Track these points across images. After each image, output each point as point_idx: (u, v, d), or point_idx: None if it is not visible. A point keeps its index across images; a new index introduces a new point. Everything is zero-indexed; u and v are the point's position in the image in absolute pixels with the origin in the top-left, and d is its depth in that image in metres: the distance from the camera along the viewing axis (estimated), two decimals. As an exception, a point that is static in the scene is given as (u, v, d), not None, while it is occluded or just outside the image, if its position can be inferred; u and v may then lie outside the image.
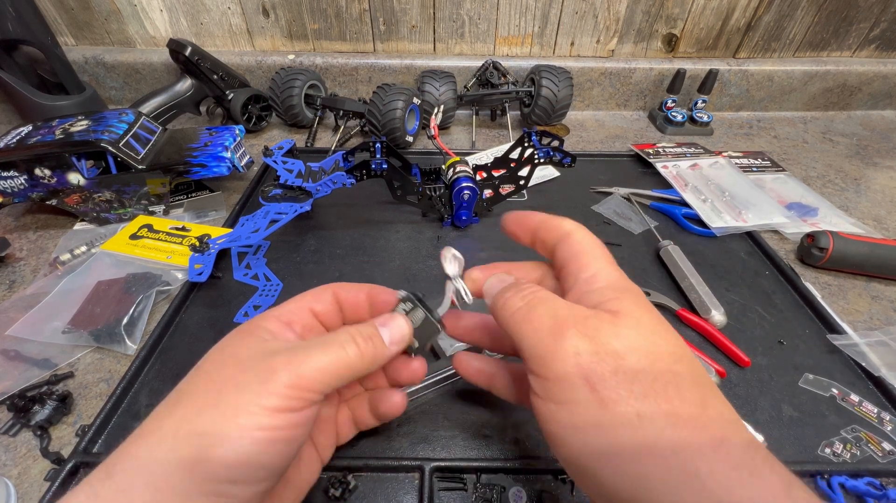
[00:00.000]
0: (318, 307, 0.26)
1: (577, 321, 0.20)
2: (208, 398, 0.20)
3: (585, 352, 0.19)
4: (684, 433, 0.17)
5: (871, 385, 0.41)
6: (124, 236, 0.52)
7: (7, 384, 0.38)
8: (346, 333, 0.23)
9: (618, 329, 0.19)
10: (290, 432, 0.20)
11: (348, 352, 0.22)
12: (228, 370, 0.21)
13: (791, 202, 0.64)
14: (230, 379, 0.20)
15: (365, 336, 0.24)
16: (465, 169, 0.54)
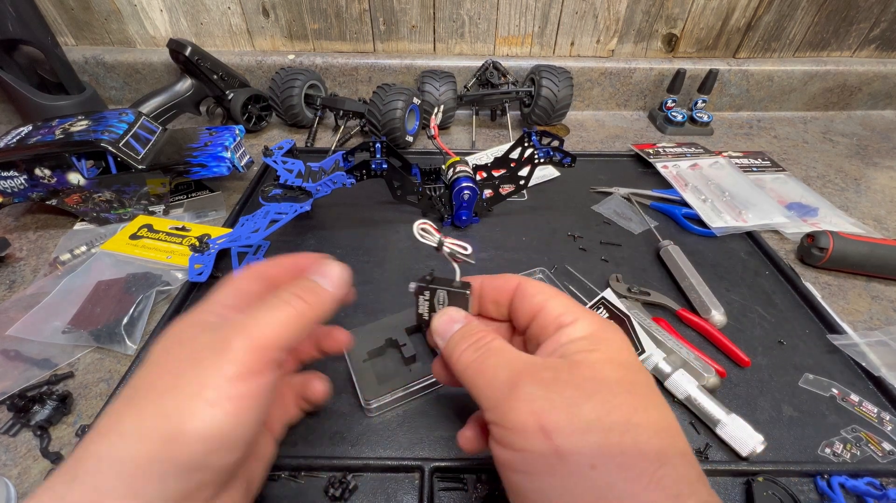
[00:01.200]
0: (247, 286, 0.25)
1: (533, 371, 0.20)
2: (166, 383, 0.19)
3: (540, 401, 0.19)
4: (637, 488, 0.17)
5: (871, 385, 0.41)
6: (124, 236, 0.52)
7: (7, 384, 0.38)
8: (285, 292, 0.23)
9: (574, 379, 0.19)
10: (258, 397, 0.20)
11: (295, 307, 0.22)
12: (180, 353, 0.21)
13: (791, 202, 0.64)
14: (185, 359, 0.20)
15: (305, 288, 0.23)
16: (465, 169, 0.54)
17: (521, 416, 0.19)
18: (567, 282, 0.48)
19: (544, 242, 0.55)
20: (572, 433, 0.18)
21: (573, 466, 0.17)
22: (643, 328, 0.42)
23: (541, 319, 0.23)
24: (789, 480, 0.34)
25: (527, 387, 0.19)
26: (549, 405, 0.18)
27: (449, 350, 0.24)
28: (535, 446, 0.18)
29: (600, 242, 0.55)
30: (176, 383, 0.19)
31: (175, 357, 0.21)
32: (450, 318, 0.25)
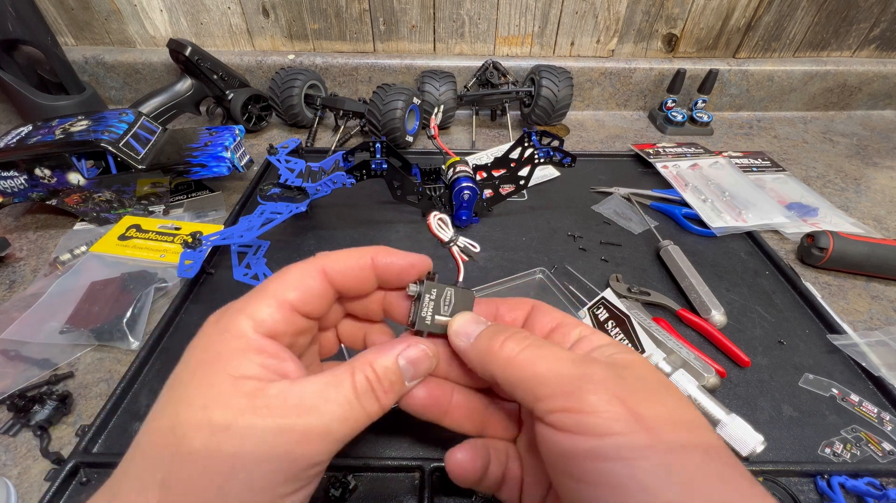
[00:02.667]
0: (302, 300, 0.21)
1: (595, 359, 0.20)
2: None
3: (619, 386, 0.18)
4: (725, 470, 0.17)
5: (871, 385, 0.41)
6: (112, 238, 0.52)
7: (7, 384, 0.38)
8: (359, 372, 0.20)
9: (633, 373, 0.19)
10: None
11: (357, 415, 0.20)
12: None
13: (791, 202, 0.64)
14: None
15: (386, 378, 0.21)
16: (465, 169, 0.54)
17: (605, 399, 0.17)
18: (567, 282, 0.48)
19: (544, 242, 0.55)
20: (658, 417, 0.17)
21: (667, 447, 0.16)
22: (643, 328, 0.42)
23: (556, 337, 0.23)
24: (789, 480, 0.34)
25: (600, 372, 0.18)
26: (630, 390, 0.18)
27: (481, 346, 0.22)
28: (625, 428, 0.17)
29: (600, 242, 0.55)
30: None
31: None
32: (473, 318, 0.23)
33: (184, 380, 0.19)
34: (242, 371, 0.19)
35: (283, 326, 0.21)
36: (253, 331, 0.20)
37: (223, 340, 0.19)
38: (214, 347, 0.19)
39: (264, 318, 0.20)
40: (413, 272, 0.24)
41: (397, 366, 0.21)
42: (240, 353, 0.19)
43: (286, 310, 0.21)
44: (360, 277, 0.23)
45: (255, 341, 0.19)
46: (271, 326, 0.20)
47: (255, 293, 0.21)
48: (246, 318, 0.20)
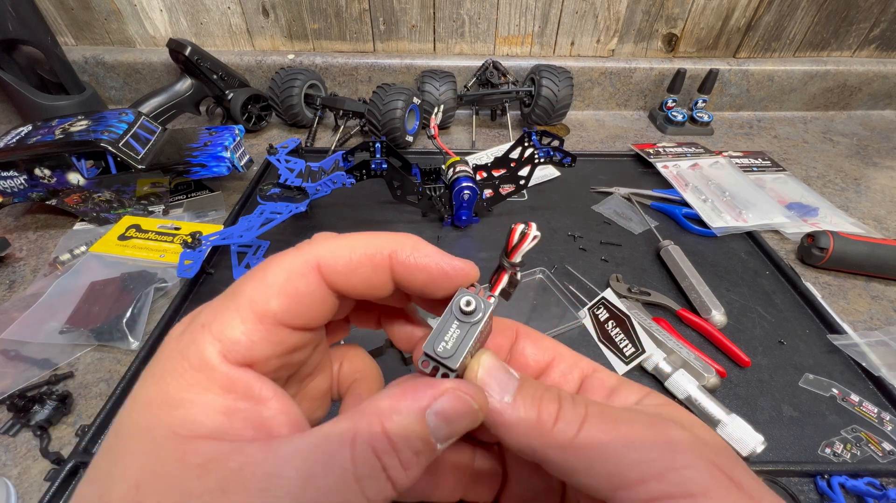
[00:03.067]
0: (291, 310, 0.15)
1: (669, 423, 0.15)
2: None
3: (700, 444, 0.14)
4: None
5: (871, 385, 0.41)
6: (112, 238, 0.52)
7: (6, 384, 0.38)
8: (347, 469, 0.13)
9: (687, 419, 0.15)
10: None
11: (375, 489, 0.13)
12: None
13: (791, 202, 0.64)
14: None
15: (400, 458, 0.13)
16: (465, 169, 0.54)
17: (706, 473, 0.13)
18: (567, 282, 0.48)
19: (544, 242, 0.55)
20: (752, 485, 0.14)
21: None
22: (643, 328, 0.42)
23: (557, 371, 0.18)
24: (789, 480, 0.34)
25: (679, 434, 0.14)
26: (713, 450, 0.14)
27: (526, 418, 0.15)
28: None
29: (600, 242, 0.55)
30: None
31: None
32: (499, 366, 0.16)
33: (123, 432, 0.13)
34: (195, 426, 0.13)
35: (264, 348, 0.14)
36: (220, 360, 0.14)
37: (178, 371, 0.13)
38: (166, 382, 0.13)
39: (238, 339, 0.14)
40: (445, 282, 0.17)
41: (425, 425, 0.14)
42: (196, 394, 0.13)
43: (268, 325, 0.14)
44: (371, 281, 0.16)
45: (222, 374, 0.14)
46: (247, 350, 0.14)
47: (227, 300, 0.15)
48: (211, 340, 0.14)
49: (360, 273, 0.16)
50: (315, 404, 0.19)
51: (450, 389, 0.14)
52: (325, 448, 0.13)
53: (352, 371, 0.20)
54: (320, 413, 0.20)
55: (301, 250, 0.16)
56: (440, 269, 0.17)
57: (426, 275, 0.17)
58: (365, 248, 0.17)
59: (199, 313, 0.15)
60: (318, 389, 0.19)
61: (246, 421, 0.13)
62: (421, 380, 0.15)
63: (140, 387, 0.14)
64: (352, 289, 0.16)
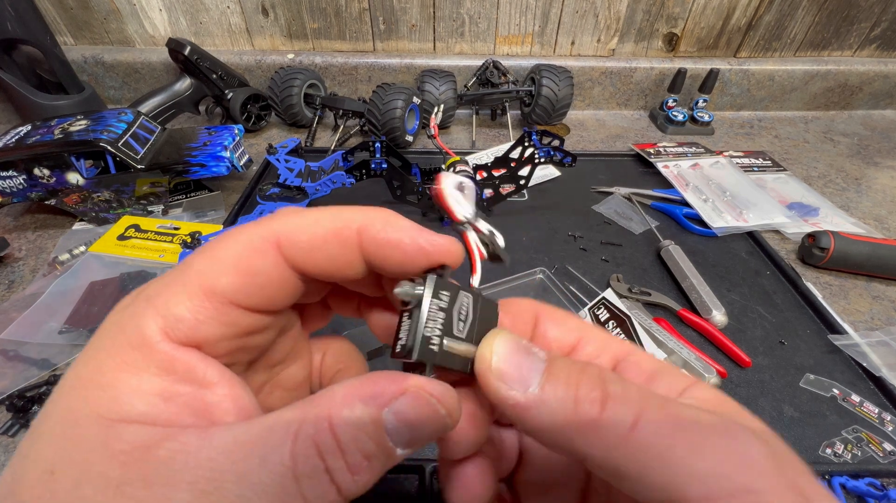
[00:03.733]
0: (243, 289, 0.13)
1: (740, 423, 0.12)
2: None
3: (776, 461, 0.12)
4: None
5: (872, 385, 0.41)
6: (112, 238, 0.52)
7: (6, 384, 0.38)
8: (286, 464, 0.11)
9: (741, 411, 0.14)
10: None
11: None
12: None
13: (792, 202, 0.64)
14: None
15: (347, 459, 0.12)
16: (465, 168, 0.54)
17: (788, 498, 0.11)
18: (567, 283, 0.48)
19: (544, 242, 0.55)
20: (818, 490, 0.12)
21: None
22: (644, 328, 0.42)
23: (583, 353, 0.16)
24: (790, 481, 0.34)
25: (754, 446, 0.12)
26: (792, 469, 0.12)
27: (561, 409, 0.12)
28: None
29: (601, 242, 0.55)
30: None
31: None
32: (521, 346, 0.14)
33: (47, 413, 0.12)
34: (123, 409, 0.11)
35: (212, 328, 0.13)
36: (161, 337, 0.12)
37: (114, 347, 0.12)
38: (100, 359, 0.12)
39: (182, 316, 0.12)
40: (422, 260, 0.14)
41: (381, 426, 0.12)
42: (130, 374, 0.12)
43: (217, 304, 0.13)
44: (338, 259, 0.14)
45: (162, 353, 0.12)
46: (192, 329, 0.12)
47: (176, 273, 0.13)
48: (153, 314, 0.12)
49: (326, 250, 0.14)
50: (290, 394, 0.17)
51: (412, 388, 0.12)
52: (266, 440, 0.11)
53: (335, 363, 0.18)
54: None
55: (260, 224, 0.14)
56: (417, 246, 0.14)
57: (401, 253, 0.14)
58: (331, 221, 0.14)
59: (147, 286, 0.14)
60: (292, 379, 0.17)
61: (185, 406, 0.12)
62: (385, 374, 0.13)
63: (73, 365, 0.13)
64: (316, 268, 0.14)
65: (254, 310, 0.14)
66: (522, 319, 0.16)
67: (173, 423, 0.12)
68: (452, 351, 0.14)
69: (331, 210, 0.14)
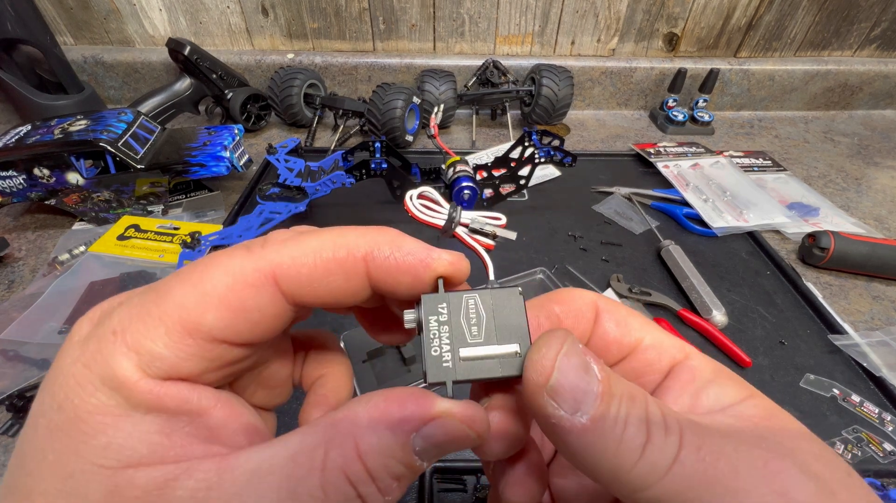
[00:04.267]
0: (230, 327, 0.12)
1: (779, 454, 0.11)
2: None
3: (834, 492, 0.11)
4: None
5: (872, 385, 0.41)
6: (111, 238, 0.52)
7: (5, 384, 0.38)
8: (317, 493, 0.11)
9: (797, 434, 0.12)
10: None
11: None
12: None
13: (792, 202, 0.64)
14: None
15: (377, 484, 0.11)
16: (465, 168, 0.54)
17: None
18: (567, 283, 0.48)
19: (544, 242, 0.55)
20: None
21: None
22: (644, 328, 0.42)
23: (643, 355, 0.15)
24: (790, 481, 0.34)
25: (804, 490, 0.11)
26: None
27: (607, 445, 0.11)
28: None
29: (601, 242, 0.55)
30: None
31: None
32: (582, 364, 0.12)
33: (28, 463, 0.11)
34: (124, 454, 0.10)
35: (195, 364, 0.12)
36: (139, 375, 0.11)
37: (88, 390, 0.11)
38: (74, 404, 0.11)
39: (159, 355, 0.11)
40: (434, 280, 0.14)
41: (410, 450, 0.12)
42: (121, 416, 0.11)
43: (201, 341, 0.12)
44: (342, 288, 0.13)
45: (145, 391, 0.11)
46: (171, 367, 0.11)
47: (148, 302, 0.12)
48: (125, 352, 0.11)
49: (329, 281, 0.13)
50: (274, 392, 0.17)
51: (441, 415, 0.12)
52: (293, 471, 0.11)
53: (318, 366, 0.17)
54: (279, 400, 0.17)
55: (252, 252, 0.13)
56: (427, 267, 0.14)
57: (411, 278, 0.13)
58: (333, 250, 0.13)
59: (111, 314, 0.12)
60: (275, 377, 0.16)
61: (190, 436, 0.11)
62: (410, 393, 0.12)
63: (40, 411, 0.11)
64: (317, 300, 0.13)
65: (243, 344, 0.13)
66: (584, 316, 0.15)
67: (184, 457, 0.11)
68: (473, 358, 0.13)
69: (331, 235, 0.13)
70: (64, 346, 0.12)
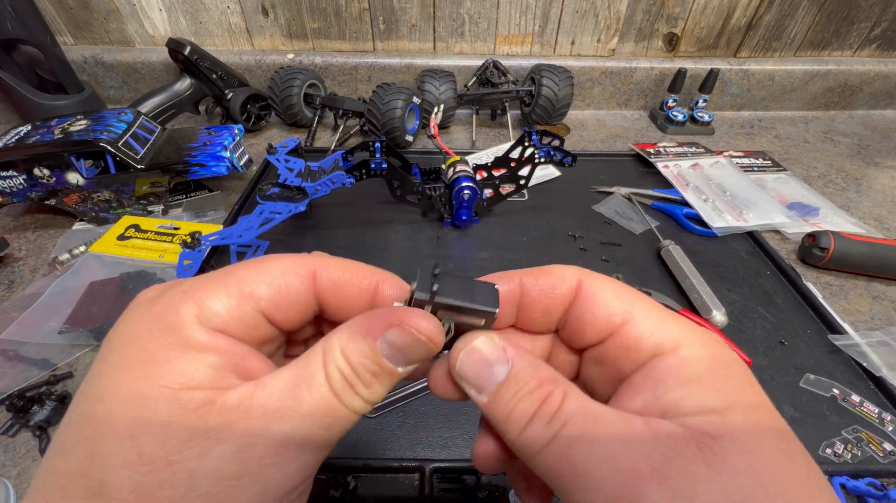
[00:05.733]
0: (275, 302, 0.16)
1: (655, 469, 0.12)
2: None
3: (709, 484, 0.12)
4: None
5: (872, 385, 0.41)
6: (112, 238, 0.52)
7: (6, 384, 0.38)
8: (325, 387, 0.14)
9: (718, 475, 0.12)
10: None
11: (340, 415, 0.15)
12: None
13: (792, 202, 0.64)
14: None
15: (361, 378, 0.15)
16: (465, 168, 0.54)
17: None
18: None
19: (544, 242, 0.55)
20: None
21: None
22: (644, 328, 0.42)
23: (623, 339, 0.16)
24: (790, 481, 0.34)
25: (654, 495, 0.12)
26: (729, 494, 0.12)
27: (499, 418, 0.15)
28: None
29: (601, 242, 0.55)
30: None
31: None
32: (483, 360, 0.16)
33: (102, 393, 0.13)
34: (185, 378, 0.13)
35: (240, 329, 0.15)
36: (198, 324, 0.14)
37: (156, 333, 0.14)
38: (143, 342, 0.14)
39: (217, 311, 0.14)
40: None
41: (378, 353, 0.15)
42: (180, 352, 0.14)
43: (250, 308, 0.15)
44: (356, 300, 0.17)
45: (202, 336, 0.14)
46: (224, 324, 0.15)
47: (216, 275, 0.15)
48: (191, 305, 0.14)
49: (350, 291, 0.17)
50: None
51: (399, 322, 0.15)
52: (305, 371, 0.15)
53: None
54: None
55: (301, 256, 0.17)
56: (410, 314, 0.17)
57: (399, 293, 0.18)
58: (358, 271, 0.18)
59: (180, 282, 0.15)
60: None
61: (233, 372, 0.14)
62: (379, 311, 0.16)
63: (110, 351, 0.14)
64: (337, 304, 0.17)
65: (275, 323, 0.16)
66: (555, 292, 0.17)
67: (228, 386, 0.14)
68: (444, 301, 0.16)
69: (359, 263, 0.18)
70: (132, 305, 0.15)
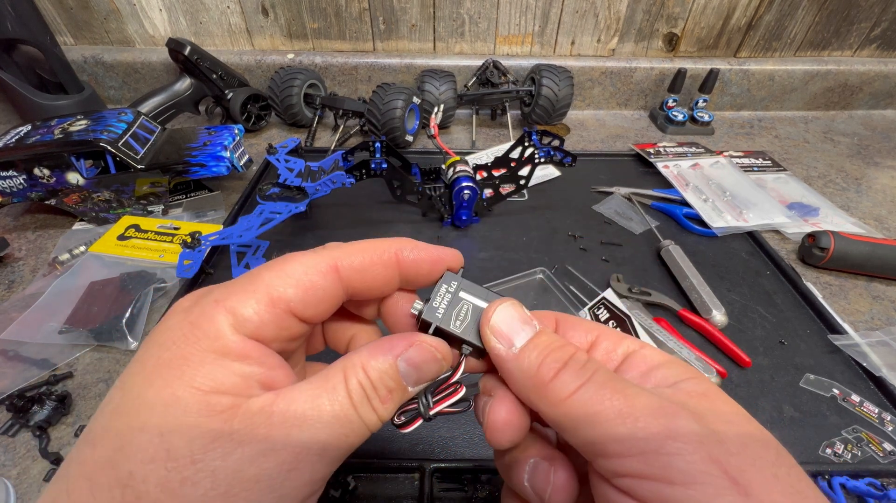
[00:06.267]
0: (303, 301, 0.17)
1: (680, 406, 0.15)
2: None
3: (713, 444, 0.14)
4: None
5: (872, 385, 0.41)
6: (112, 238, 0.52)
7: (5, 384, 0.38)
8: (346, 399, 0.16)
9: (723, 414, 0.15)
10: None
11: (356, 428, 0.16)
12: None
13: (792, 202, 0.64)
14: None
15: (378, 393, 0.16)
16: (465, 168, 0.54)
17: (698, 465, 0.13)
18: (567, 283, 0.48)
19: (544, 242, 0.55)
20: (765, 481, 0.13)
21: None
22: (644, 328, 0.42)
23: (601, 349, 0.19)
24: (790, 481, 0.34)
25: (687, 424, 0.14)
26: (727, 450, 0.14)
27: (527, 368, 0.17)
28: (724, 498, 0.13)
29: (601, 242, 0.55)
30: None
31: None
32: (520, 314, 0.18)
33: (136, 391, 0.14)
34: (216, 383, 0.14)
35: (271, 331, 0.16)
36: (232, 331, 0.15)
37: (192, 338, 0.15)
38: (179, 347, 0.15)
39: (249, 317, 0.15)
40: (442, 267, 0.20)
41: (396, 369, 0.17)
42: (213, 358, 0.15)
43: (280, 311, 0.16)
44: (382, 277, 0.19)
45: (235, 344, 0.15)
46: (256, 328, 0.16)
47: (243, 282, 0.16)
48: (224, 313, 0.15)
49: (374, 271, 0.18)
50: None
51: (417, 343, 0.17)
52: (327, 383, 0.16)
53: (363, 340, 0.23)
54: None
55: (319, 252, 0.18)
56: (438, 256, 0.20)
57: (429, 265, 0.19)
58: (374, 248, 0.19)
59: (211, 291, 0.16)
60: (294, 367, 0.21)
61: (259, 381, 0.15)
62: (398, 335, 0.18)
63: (147, 353, 0.15)
64: (363, 285, 0.18)
65: (305, 320, 0.17)
66: (544, 322, 0.19)
67: (251, 395, 0.15)
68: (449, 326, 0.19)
69: (371, 241, 0.19)
70: (168, 314, 0.16)
